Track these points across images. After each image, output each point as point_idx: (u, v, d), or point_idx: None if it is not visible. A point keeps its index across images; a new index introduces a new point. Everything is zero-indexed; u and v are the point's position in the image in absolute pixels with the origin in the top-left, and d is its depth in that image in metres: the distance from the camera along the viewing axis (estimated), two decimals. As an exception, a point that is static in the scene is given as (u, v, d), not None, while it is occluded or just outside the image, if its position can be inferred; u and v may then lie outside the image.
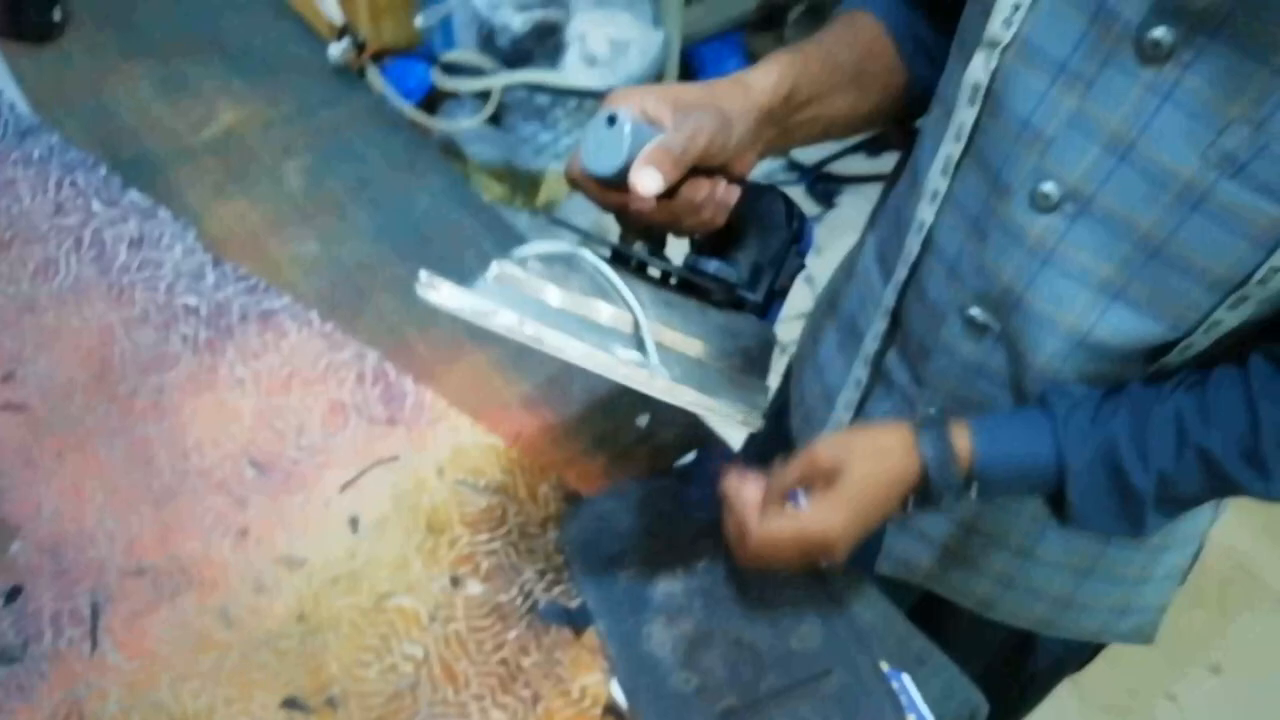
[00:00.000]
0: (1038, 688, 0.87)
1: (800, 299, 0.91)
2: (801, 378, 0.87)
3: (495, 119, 2.00)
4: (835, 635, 0.64)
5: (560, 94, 1.98)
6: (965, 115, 0.58)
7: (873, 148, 2.38)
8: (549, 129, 2.03)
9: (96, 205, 0.84)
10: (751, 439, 0.96)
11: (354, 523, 0.68)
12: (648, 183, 0.53)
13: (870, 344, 0.73)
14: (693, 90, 0.58)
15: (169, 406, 0.72)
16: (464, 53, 1.98)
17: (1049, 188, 0.55)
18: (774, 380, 0.68)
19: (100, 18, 1.02)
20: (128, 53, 0.99)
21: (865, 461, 0.59)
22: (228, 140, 0.92)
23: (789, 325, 0.92)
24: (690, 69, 2.38)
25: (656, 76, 2.13)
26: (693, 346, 0.60)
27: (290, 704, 0.60)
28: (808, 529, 0.58)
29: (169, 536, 0.66)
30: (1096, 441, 0.58)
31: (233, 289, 0.79)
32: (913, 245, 0.65)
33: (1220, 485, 0.57)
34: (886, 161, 2.37)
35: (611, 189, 0.55)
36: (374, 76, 0.96)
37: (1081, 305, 0.57)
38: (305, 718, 0.59)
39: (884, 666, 0.63)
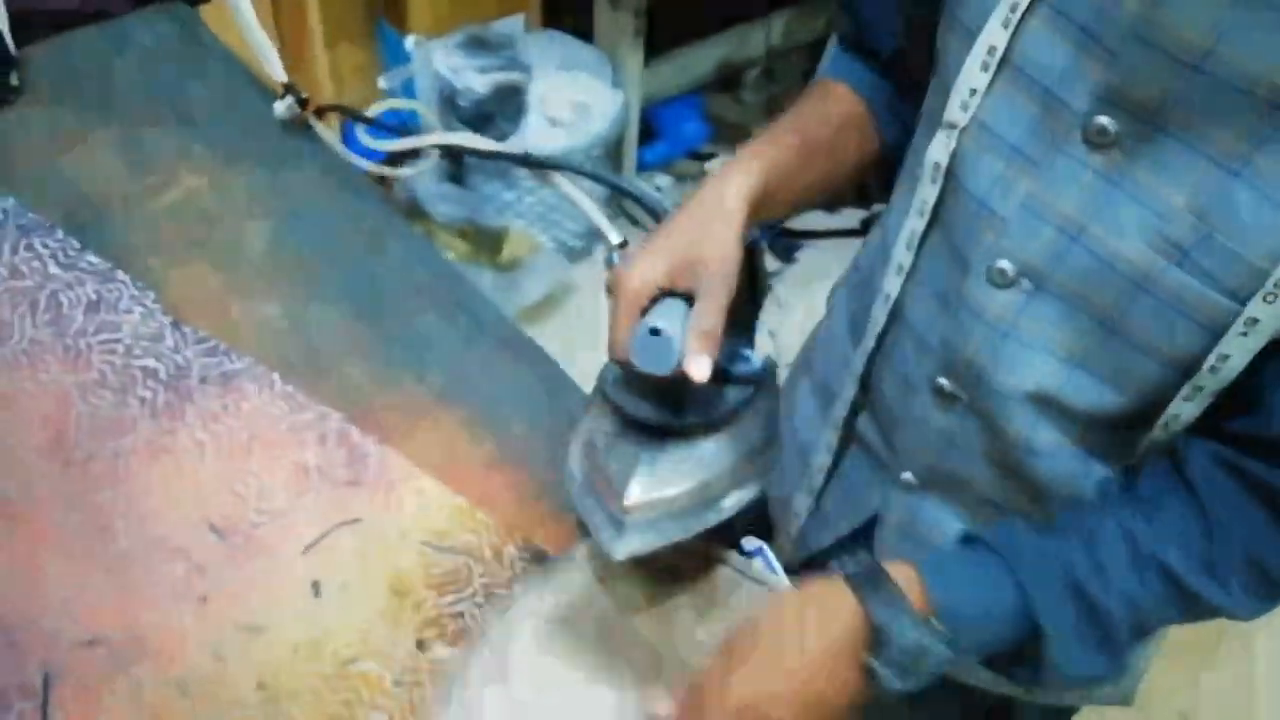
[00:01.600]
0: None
1: (763, 349, 0.91)
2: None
3: (457, 178, 2.01)
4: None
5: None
6: (927, 192, 0.60)
7: (830, 204, 2.42)
8: (511, 188, 2.05)
9: (54, 268, 0.83)
10: None
11: (316, 586, 0.67)
12: (703, 370, 0.56)
13: (840, 409, 0.74)
14: (688, 234, 0.58)
15: (126, 472, 0.71)
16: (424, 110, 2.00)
17: (1005, 265, 0.56)
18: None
19: (58, 83, 1.02)
20: (86, 118, 0.98)
21: (788, 621, 0.57)
22: (187, 204, 0.91)
23: None
24: (650, 129, 2.42)
25: (617, 138, 2.17)
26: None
27: (250, 777, 0.58)
28: (721, 707, 0.55)
29: (125, 606, 0.64)
30: (1055, 571, 0.56)
31: (192, 351, 0.79)
32: (879, 315, 0.67)
33: (1185, 602, 0.56)
34: (845, 217, 2.42)
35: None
36: (328, 135, 0.97)
37: (1045, 374, 0.58)
38: (266, 791, 0.58)
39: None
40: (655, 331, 0.57)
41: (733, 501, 0.64)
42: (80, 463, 0.71)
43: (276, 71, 0.95)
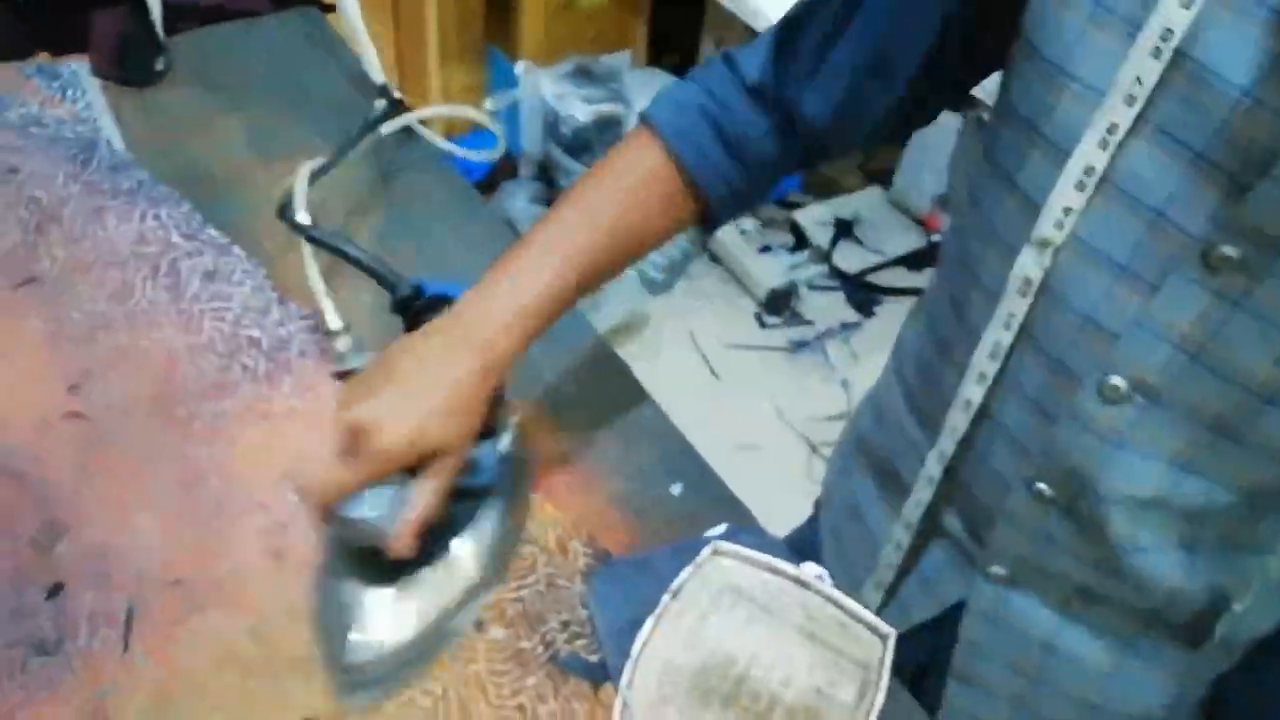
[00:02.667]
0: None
1: (834, 403, 0.91)
2: (834, 514, 0.86)
3: (549, 202, 2.07)
4: None
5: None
6: (1015, 306, 0.57)
7: (915, 262, 2.42)
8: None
9: (176, 238, 0.89)
10: (802, 527, 0.95)
11: (387, 558, 0.69)
12: (405, 551, 0.59)
13: (915, 509, 0.71)
14: (431, 413, 0.58)
15: (223, 431, 0.75)
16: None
17: (1118, 381, 0.54)
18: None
19: (198, 72, 1.09)
20: (219, 105, 1.05)
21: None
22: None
23: (820, 426, 0.92)
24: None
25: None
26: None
27: (308, 726, 0.61)
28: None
29: (208, 553, 0.68)
30: None
31: (295, 326, 0.83)
32: (959, 421, 0.64)
33: None
34: (928, 277, 2.41)
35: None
36: (437, 143, 1.01)
37: (1154, 480, 0.56)
38: (321, 741, 0.60)
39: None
40: (356, 520, 0.58)
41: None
42: (182, 419, 0.76)
43: (375, 74, 1.00)
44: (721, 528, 0.74)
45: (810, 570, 0.69)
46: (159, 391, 0.77)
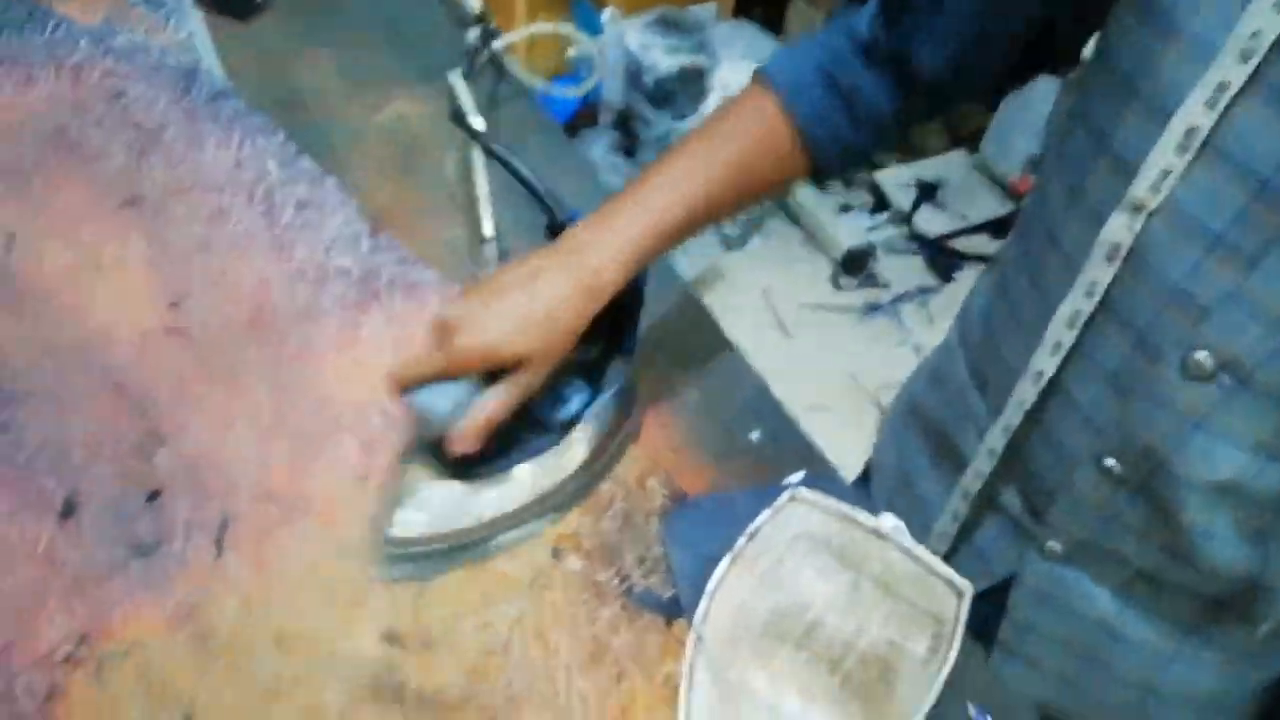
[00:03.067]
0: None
1: (905, 368, 0.89)
2: (885, 481, 0.85)
3: (630, 151, 2.06)
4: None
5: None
6: (1100, 273, 0.55)
7: (998, 229, 2.37)
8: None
9: (271, 166, 0.90)
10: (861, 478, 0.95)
11: (468, 485, 0.71)
12: (464, 449, 0.62)
13: (973, 481, 0.70)
14: (527, 316, 0.61)
15: (313, 355, 0.77)
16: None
17: (1203, 357, 0.52)
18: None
19: (296, 5, 1.10)
20: (316, 38, 1.06)
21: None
22: (395, 126, 0.98)
23: (891, 390, 0.91)
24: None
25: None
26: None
27: (390, 639, 0.63)
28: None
29: (298, 470, 0.70)
30: None
31: (384, 258, 0.84)
32: (1027, 393, 0.63)
33: None
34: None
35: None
36: (529, 82, 1.01)
37: (1235, 467, 0.54)
38: (401, 654, 0.62)
39: (971, 709, 0.63)
40: (427, 414, 0.61)
41: (509, 539, 0.67)
42: (275, 341, 0.78)
43: (472, 2, 1.00)
44: (800, 475, 0.74)
45: (888, 522, 0.68)
46: (253, 313, 0.79)
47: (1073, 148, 0.59)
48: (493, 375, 0.62)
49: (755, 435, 0.77)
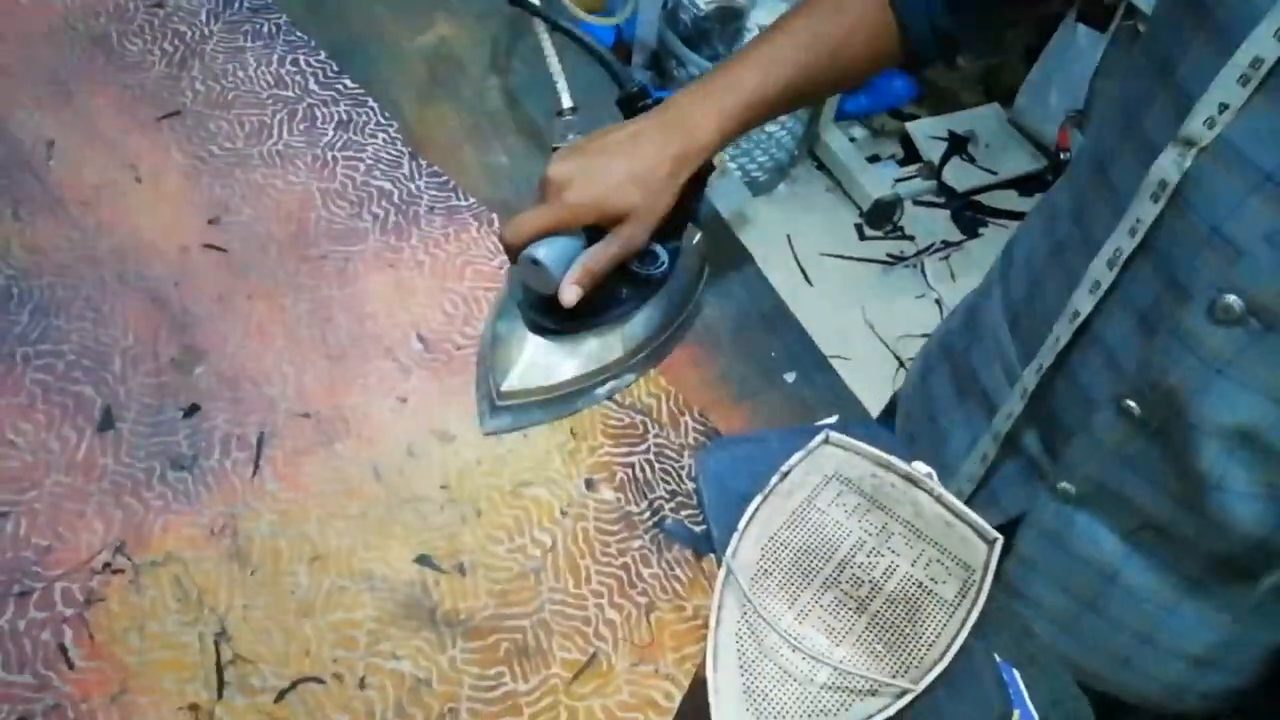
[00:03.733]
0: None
1: (926, 321, 0.89)
2: (910, 417, 0.85)
3: (661, 88, 2.03)
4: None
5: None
6: (1145, 211, 0.55)
7: (1026, 187, 2.34)
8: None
9: (313, 84, 0.89)
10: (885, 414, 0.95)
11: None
12: (571, 300, 0.65)
13: (1002, 423, 0.70)
14: (630, 172, 0.64)
15: (352, 274, 0.77)
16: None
17: (1232, 300, 0.51)
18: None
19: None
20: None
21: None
22: (439, 50, 0.97)
23: (912, 343, 0.91)
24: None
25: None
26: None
27: (423, 561, 0.63)
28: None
29: (336, 389, 0.70)
30: None
31: (424, 182, 0.84)
32: (1063, 331, 0.62)
33: None
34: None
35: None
36: (573, 10, 0.99)
37: (1253, 413, 0.54)
38: (435, 576, 0.63)
39: (996, 657, 0.64)
40: (536, 262, 0.64)
41: (606, 390, 0.72)
42: (314, 259, 0.77)
43: None
44: (834, 418, 0.74)
45: (920, 468, 0.68)
46: (293, 231, 0.79)
47: (1134, 84, 0.58)
48: (596, 235, 0.66)
49: (790, 376, 0.77)
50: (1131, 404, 0.59)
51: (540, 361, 0.70)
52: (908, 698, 0.58)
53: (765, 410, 0.75)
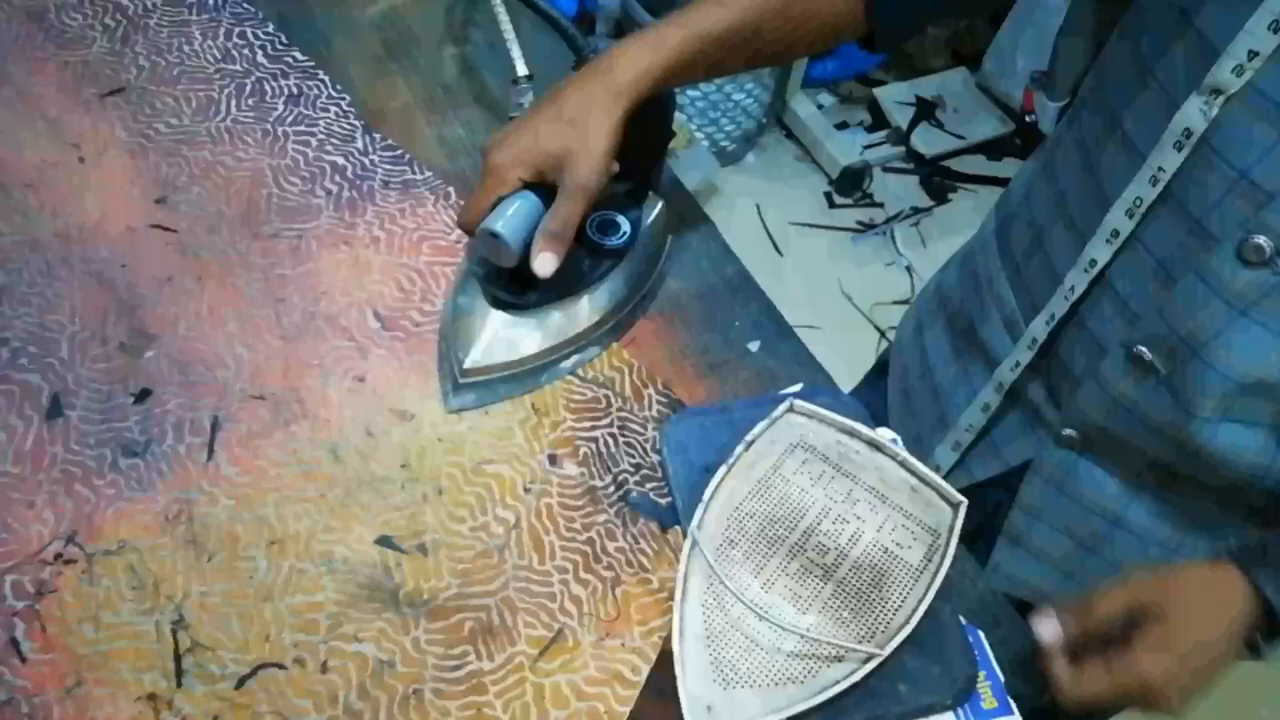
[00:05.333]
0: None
1: (897, 288, 0.88)
2: (906, 372, 0.85)
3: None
4: (916, 577, 0.64)
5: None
6: (1168, 160, 0.55)
7: (994, 152, 2.34)
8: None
9: (261, 58, 0.87)
10: (860, 386, 0.95)
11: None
12: (546, 269, 0.63)
13: (1007, 373, 0.70)
14: (563, 124, 0.62)
15: (306, 252, 0.75)
16: None
17: (1262, 241, 0.52)
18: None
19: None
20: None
21: (1193, 600, 0.56)
22: (391, 20, 0.94)
23: (884, 310, 0.91)
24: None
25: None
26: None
27: (384, 542, 0.62)
28: (1126, 683, 0.55)
29: (291, 370, 0.69)
30: None
31: (379, 156, 0.82)
32: (1078, 281, 0.62)
33: None
34: (1007, 166, 2.33)
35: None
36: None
37: (1268, 357, 0.54)
38: (397, 557, 0.62)
39: (962, 620, 0.64)
40: (494, 235, 0.62)
41: (570, 364, 0.72)
42: (266, 238, 0.76)
43: None
44: (798, 386, 0.73)
45: (885, 434, 0.68)
46: (243, 209, 0.77)
47: (1146, 29, 0.58)
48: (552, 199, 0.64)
49: (754, 345, 0.76)
50: (1143, 350, 0.59)
51: (503, 336, 0.69)
52: (874, 662, 0.58)
53: (730, 381, 0.74)
